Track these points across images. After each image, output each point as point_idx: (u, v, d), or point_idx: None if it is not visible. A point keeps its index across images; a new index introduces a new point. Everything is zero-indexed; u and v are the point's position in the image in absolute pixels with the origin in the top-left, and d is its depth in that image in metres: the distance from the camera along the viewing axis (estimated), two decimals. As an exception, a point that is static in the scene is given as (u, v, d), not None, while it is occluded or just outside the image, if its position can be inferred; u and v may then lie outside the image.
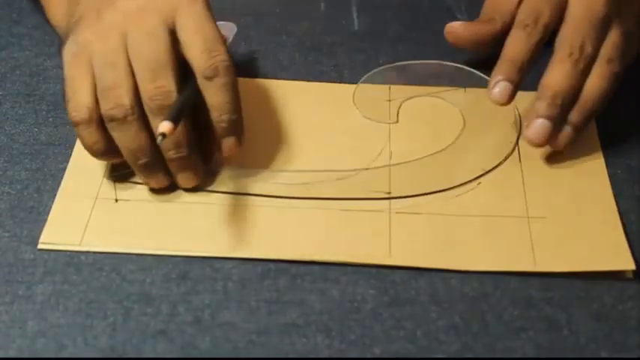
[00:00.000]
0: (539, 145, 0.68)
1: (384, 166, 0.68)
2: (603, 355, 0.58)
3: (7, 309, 0.59)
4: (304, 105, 0.74)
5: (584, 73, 0.67)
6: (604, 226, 0.64)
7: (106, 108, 0.62)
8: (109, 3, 0.64)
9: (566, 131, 0.68)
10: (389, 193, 0.66)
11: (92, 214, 0.64)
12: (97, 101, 0.63)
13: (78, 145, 0.69)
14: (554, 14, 0.69)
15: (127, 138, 0.63)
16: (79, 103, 0.63)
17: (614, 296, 0.61)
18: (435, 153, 0.69)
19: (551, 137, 0.67)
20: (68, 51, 0.64)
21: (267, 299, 0.60)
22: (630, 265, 0.61)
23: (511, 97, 0.68)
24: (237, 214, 0.65)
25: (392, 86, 0.75)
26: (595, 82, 0.67)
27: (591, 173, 0.68)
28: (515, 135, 0.71)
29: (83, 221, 0.64)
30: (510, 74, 0.68)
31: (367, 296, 0.60)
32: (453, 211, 0.65)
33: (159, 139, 0.60)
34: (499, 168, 0.68)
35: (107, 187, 0.66)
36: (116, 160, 0.65)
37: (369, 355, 0.57)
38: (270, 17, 0.83)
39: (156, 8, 0.63)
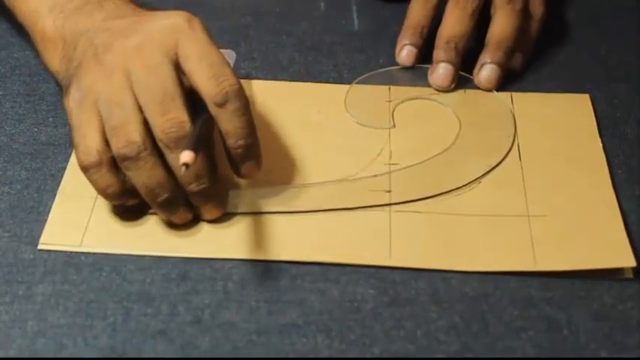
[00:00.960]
0: (446, 89, 0.74)
1: (384, 173, 0.68)
2: (603, 355, 0.58)
3: (7, 309, 0.59)
4: (304, 105, 0.74)
5: (473, 17, 0.74)
6: (605, 224, 0.64)
7: (117, 147, 0.60)
8: (106, 46, 0.63)
9: (490, 69, 0.74)
10: (389, 191, 0.66)
11: (92, 214, 0.64)
12: (106, 143, 0.61)
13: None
14: None
15: (143, 175, 0.61)
16: (88, 146, 0.61)
17: (614, 296, 0.61)
18: (435, 156, 0.69)
19: (454, 79, 0.74)
20: (73, 99, 0.62)
21: (267, 299, 0.60)
22: (631, 262, 0.61)
23: (415, 59, 0.76)
24: (236, 215, 0.65)
25: (391, 87, 0.75)
26: (500, 22, 0.74)
27: (592, 171, 0.68)
28: (513, 134, 0.71)
29: (83, 222, 0.64)
30: (412, 38, 0.76)
31: (367, 296, 0.60)
32: (453, 210, 0.65)
33: (182, 169, 0.58)
34: (499, 167, 0.68)
35: (107, 187, 0.66)
36: (132, 203, 0.63)
37: (369, 355, 0.57)
38: (270, 17, 0.83)
39: (155, 42, 0.62)
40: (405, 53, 0.76)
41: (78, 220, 0.64)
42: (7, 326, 0.58)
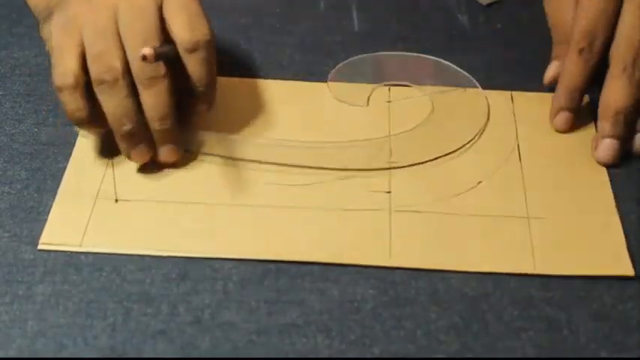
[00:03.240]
0: (610, 165, 0.68)
1: (385, 173, 0.68)
2: (603, 355, 0.58)
3: (7, 309, 0.59)
4: (303, 104, 0.74)
5: None
6: (604, 229, 0.64)
7: (97, 72, 0.64)
8: None
9: (609, 143, 0.68)
10: (389, 192, 0.66)
11: (92, 214, 0.64)
12: (84, 69, 0.65)
13: (78, 145, 0.69)
14: (608, 30, 0.69)
15: (114, 102, 0.64)
16: (66, 68, 0.64)
17: (614, 296, 0.61)
18: (435, 155, 0.69)
19: (619, 155, 0.68)
20: (56, 24, 0.66)
21: (267, 299, 0.60)
22: (629, 271, 0.62)
23: (572, 124, 0.70)
24: (237, 215, 0.65)
25: (391, 87, 0.75)
26: (614, 92, 0.68)
27: (592, 172, 0.68)
28: (514, 134, 0.71)
29: (83, 222, 0.64)
30: (569, 103, 0.70)
31: (367, 296, 0.60)
32: (453, 210, 0.65)
33: (138, 59, 0.63)
34: (499, 167, 0.68)
35: (107, 187, 0.66)
36: (97, 130, 0.67)
37: (369, 355, 0.57)
38: (270, 17, 0.83)
39: None
40: (563, 119, 0.70)
41: (78, 220, 0.64)
42: (7, 326, 0.58)
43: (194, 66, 0.66)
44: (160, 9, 0.66)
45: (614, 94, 0.68)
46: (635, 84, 0.67)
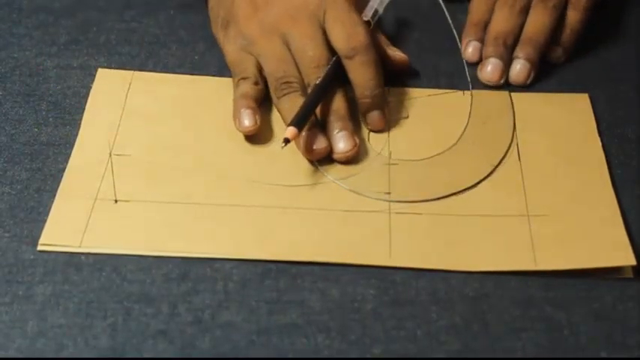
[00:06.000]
0: (496, 83, 0.75)
1: (384, 174, 0.68)
2: (603, 355, 0.58)
3: (7, 309, 0.59)
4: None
5: (522, 14, 0.77)
6: (605, 223, 0.64)
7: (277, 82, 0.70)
8: (264, 3, 0.73)
9: (520, 64, 0.76)
10: (388, 193, 0.66)
11: (92, 214, 0.64)
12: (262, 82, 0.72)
13: (77, 145, 0.69)
14: None
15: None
16: (249, 72, 0.71)
17: (614, 296, 0.61)
18: (435, 156, 0.69)
19: (503, 74, 0.75)
20: (234, 42, 0.73)
21: (268, 299, 0.60)
22: (631, 261, 0.61)
23: (480, 52, 0.77)
24: (237, 215, 0.65)
25: (390, 88, 0.75)
26: (533, 18, 0.77)
27: (592, 170, 0.68)
28: (512, 134, 0.71)
29: (83, 222, 0.64)
30: (475, 34, 0.78)
31: (367, 296, 0.60)
32: (453, 211, 0.65)
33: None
34: (499, 167, 0.69)
35: (106, 188, 0.66)
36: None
37: (369, 355, 0.57)
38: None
39: (309, 11, 0.71)
40: (471, 50, 0.78)
41: (77, 221, 0.64)
42: (7, 326, 0.58)
43: (355, 71, 0.70)
44: (323, 27, 0.71)
45: (496, 21, 0.77)
46: (515, 13, 0.76)
